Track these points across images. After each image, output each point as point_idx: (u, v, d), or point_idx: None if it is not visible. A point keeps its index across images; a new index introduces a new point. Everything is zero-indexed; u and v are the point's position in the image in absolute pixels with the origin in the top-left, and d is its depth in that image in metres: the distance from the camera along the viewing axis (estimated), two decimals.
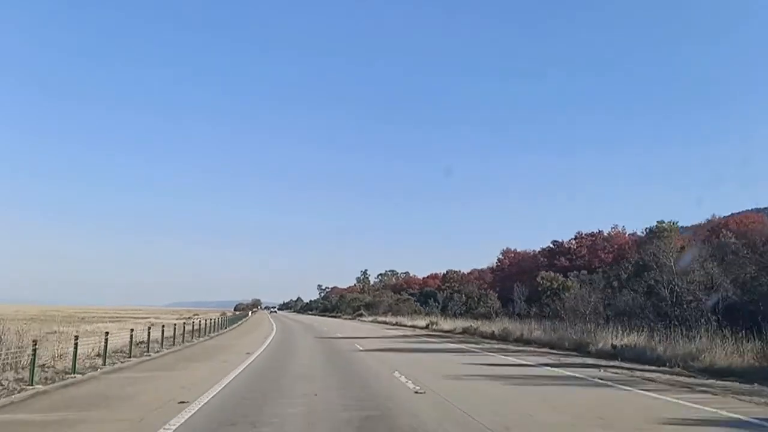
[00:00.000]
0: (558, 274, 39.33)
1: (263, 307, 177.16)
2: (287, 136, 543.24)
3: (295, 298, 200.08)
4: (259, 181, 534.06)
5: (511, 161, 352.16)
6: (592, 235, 55.99)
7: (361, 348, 21.62)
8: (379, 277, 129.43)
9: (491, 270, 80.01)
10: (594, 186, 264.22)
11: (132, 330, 17.64)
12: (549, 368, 14.99)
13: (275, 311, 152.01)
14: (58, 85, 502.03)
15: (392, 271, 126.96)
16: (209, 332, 31.03)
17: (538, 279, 36.24)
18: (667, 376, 13.44)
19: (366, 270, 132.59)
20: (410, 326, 45.53)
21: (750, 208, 50.56)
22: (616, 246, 52.03)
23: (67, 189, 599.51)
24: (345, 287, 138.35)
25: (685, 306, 20.53)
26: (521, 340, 25.89)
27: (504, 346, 23.56)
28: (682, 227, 40.21)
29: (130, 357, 15.73)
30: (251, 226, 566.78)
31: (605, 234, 55.60)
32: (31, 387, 9.95)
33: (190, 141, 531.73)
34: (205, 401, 8.83)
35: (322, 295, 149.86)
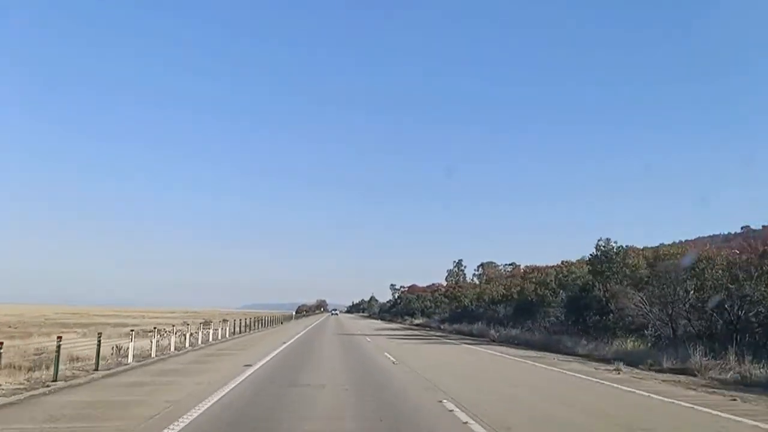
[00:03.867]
0: None
1: (331, 310, 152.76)
2: (344, 141, 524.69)
3: (367, 298, 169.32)
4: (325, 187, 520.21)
5: None
6: None
7: None
8: (480, 268, 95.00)
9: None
10: None
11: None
12: None
13: (336, 313, 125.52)
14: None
15: (491, 262, 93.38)
16: None
17: None
18: None
19: (461, 260, 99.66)
20: None
21: None
22: None
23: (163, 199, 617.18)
24: (424, 285, 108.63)
25: None
26: None
27: None
28: None
29: None
30: (319, 229, 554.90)
31: None
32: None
33: (269, 152, 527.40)
34: None
35: (396, 295, 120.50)
